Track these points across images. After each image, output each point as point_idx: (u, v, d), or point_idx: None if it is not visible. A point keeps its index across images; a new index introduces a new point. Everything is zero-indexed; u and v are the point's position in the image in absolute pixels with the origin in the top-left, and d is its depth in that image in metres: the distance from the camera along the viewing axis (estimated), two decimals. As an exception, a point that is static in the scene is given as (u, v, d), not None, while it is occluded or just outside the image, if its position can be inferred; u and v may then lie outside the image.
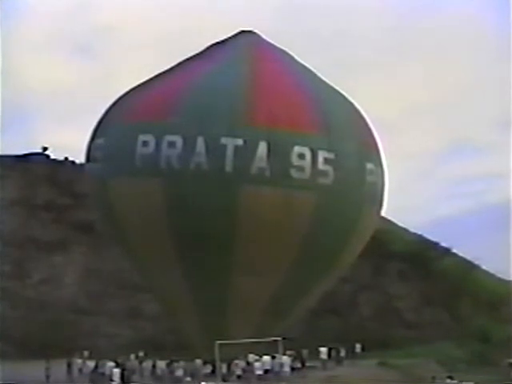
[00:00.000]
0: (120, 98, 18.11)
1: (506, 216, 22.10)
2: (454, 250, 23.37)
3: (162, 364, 18.21)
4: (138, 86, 18.25)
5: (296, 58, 18.73)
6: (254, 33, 19.08)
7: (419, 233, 24.03)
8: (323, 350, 19.37)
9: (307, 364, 19.04)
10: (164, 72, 18.30)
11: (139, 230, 16.92)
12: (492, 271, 23.16)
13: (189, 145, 15.96)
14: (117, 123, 17.60)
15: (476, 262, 23.44)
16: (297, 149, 16.23)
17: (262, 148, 16.10)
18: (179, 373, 17.66)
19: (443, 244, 24.09)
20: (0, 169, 12.57)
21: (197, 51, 18.47)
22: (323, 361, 19.36)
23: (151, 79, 18.26)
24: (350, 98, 18.63)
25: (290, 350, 18.10)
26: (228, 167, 15.92)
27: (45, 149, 18.87)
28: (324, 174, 16.31)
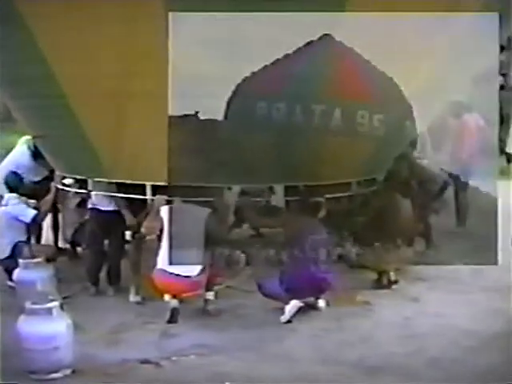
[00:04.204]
0: (243, 80, 21.07)
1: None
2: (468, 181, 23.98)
3: (272, 252, 20.55)
4: (254, 72, 20.87)
5: (357, 51, 20.57)
6: (330, 35, 20.88)
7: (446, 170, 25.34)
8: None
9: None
10: (270, 63, 20.23)
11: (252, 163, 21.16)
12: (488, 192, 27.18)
13: (290, 109, 20.32)
14: (241, 95, 21.75)
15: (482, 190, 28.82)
16: (360, 112, 21.20)
17: (337, 112, 21.07)
18: (284, 258, 19.35)
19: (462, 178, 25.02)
20: (167, 125, 17.56)
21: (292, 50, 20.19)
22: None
23: (261, 68, 21.12)
24: (391, 76, 20.69)
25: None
26: (316, 124, 20.53)
27: (196, 112, 25.29)
28: (377, 129, 21.35)
